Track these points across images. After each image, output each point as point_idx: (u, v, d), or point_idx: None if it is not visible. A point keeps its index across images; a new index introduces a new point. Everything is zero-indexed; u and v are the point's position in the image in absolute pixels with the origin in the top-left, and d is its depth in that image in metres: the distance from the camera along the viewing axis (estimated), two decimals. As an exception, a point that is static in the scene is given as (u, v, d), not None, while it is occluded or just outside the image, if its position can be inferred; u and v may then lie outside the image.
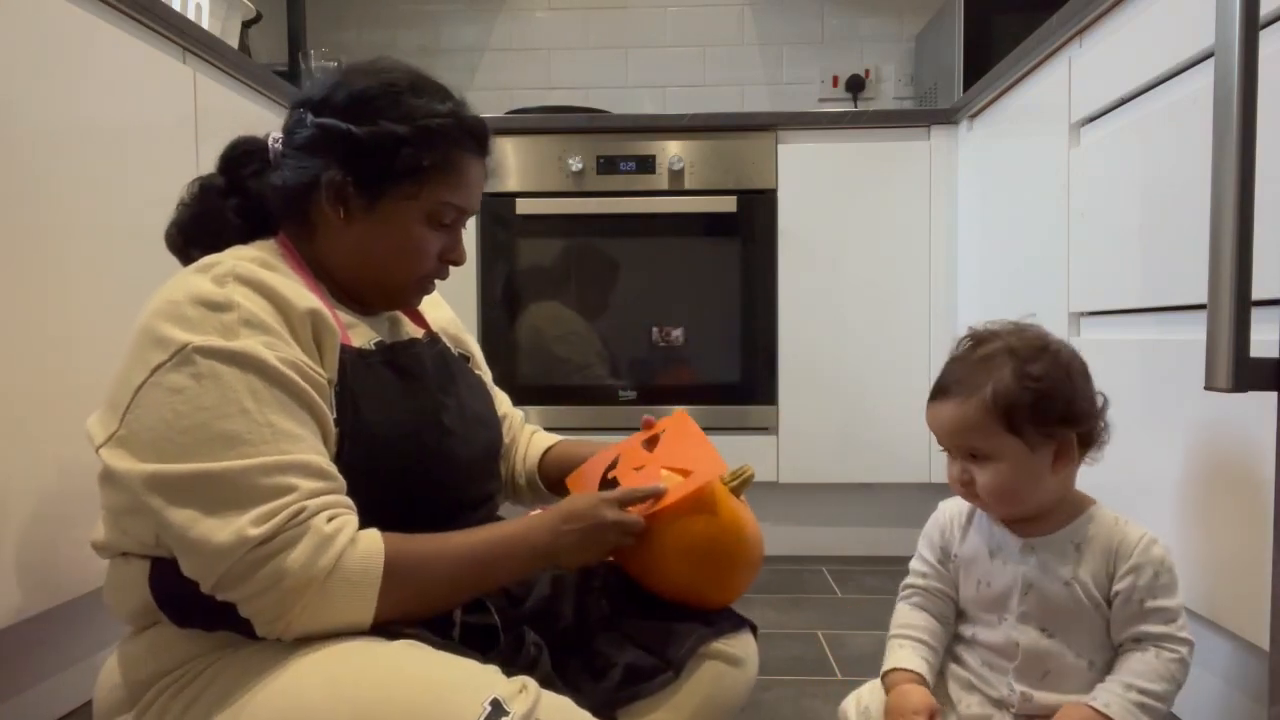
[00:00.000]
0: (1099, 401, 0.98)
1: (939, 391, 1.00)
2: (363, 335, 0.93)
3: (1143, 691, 0.91)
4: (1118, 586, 0.95)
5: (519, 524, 0.89)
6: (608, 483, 1.06)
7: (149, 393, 0.77)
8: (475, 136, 0.95)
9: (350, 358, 0.88)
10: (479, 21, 3.06)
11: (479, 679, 0.74)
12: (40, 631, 1.25)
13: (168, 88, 1.48)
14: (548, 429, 1.16)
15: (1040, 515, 0.99)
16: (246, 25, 2.15)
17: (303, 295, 0.84)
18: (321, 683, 0.74)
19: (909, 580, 1.09)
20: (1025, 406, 0.93)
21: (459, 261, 0.99)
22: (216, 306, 0.79)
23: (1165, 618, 0.94)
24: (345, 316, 0.93)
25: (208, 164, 1.43)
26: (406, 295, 0.99)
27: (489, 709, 0.70)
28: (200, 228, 0.94)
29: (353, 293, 0.96)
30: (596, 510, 0.92)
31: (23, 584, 1.15)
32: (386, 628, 0.80)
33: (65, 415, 1.21)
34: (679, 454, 1.05)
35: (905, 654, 1.02)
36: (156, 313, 0.80)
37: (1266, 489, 0.98)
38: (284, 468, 0.76)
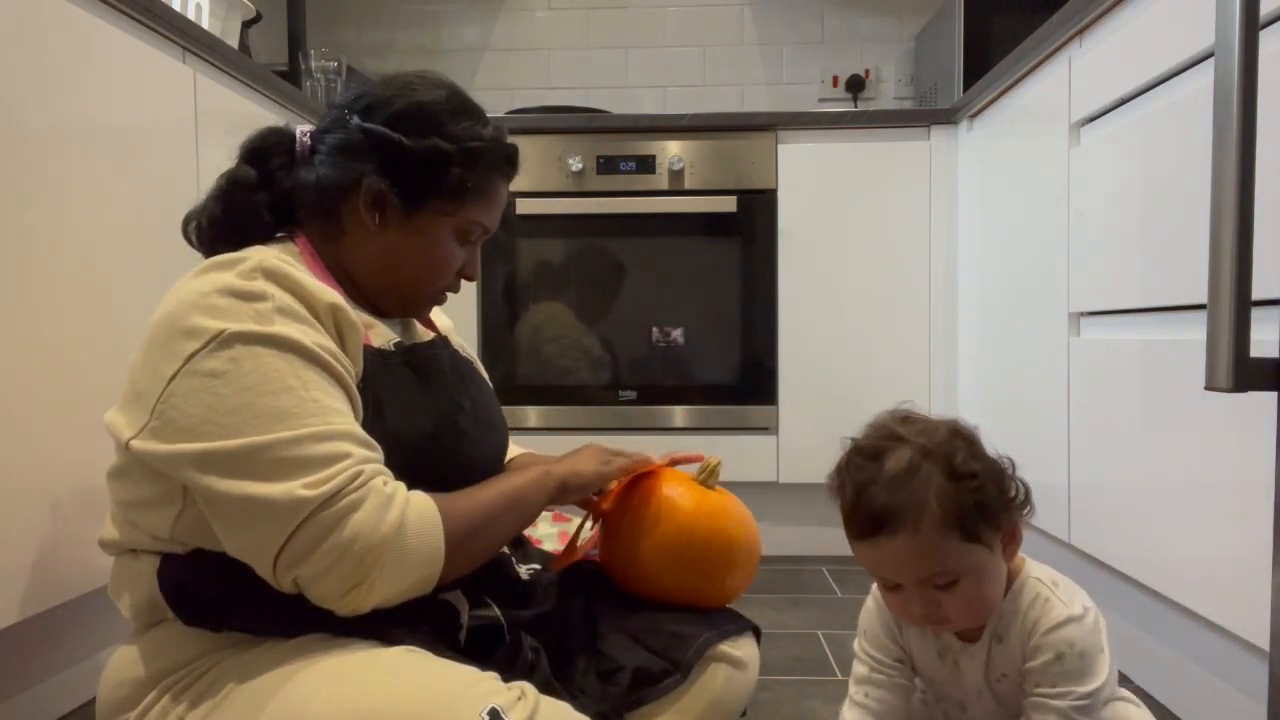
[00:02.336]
0: (1009, 467, 0.87)
1: (871, 527, 0.83)
2: (381, 336, 0.94)
3: None
4: (1025, 668, 0.86)
5: (534, 469, 0.94)
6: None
7: (184, 381, 0.76)
8: (511, 163, 0.98)
9: (371, 357, 0.88)
10: (479, 21, 3.06)
11: (477, 688, 0.74)
12: (40, 631, 1.25)
13: (168, 88, 1.48)
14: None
15: None
16: (246, 25, 2.15)
17: (325, 291, 0.84)
18: (321, 692, 0.73)
19: (863, 675, 0.94)
20: (974, 509, 0.81)
21: (473, 278, 1.01)
22: (249, 296, 0.79)
23: (1069, 701, 0.83)
24: (364, 317, 0.93)
25: (208, 164, 1.43)
26: (420, 305, 1.01)
27: (487, 718, 0.70)
28: (232, 222, 0.92)
29: (370, 297, 0.97)
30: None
31: (23, 584, 1.15)
32: (387, 635, 0.80)
33: (65, 415, 1.21)
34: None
35: None
36: (182, 305, 0.79)
37: (1266, 489, 0.98)
38: (335, 435, 0.77)
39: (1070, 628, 0.84)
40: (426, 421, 0.91)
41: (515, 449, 1.23)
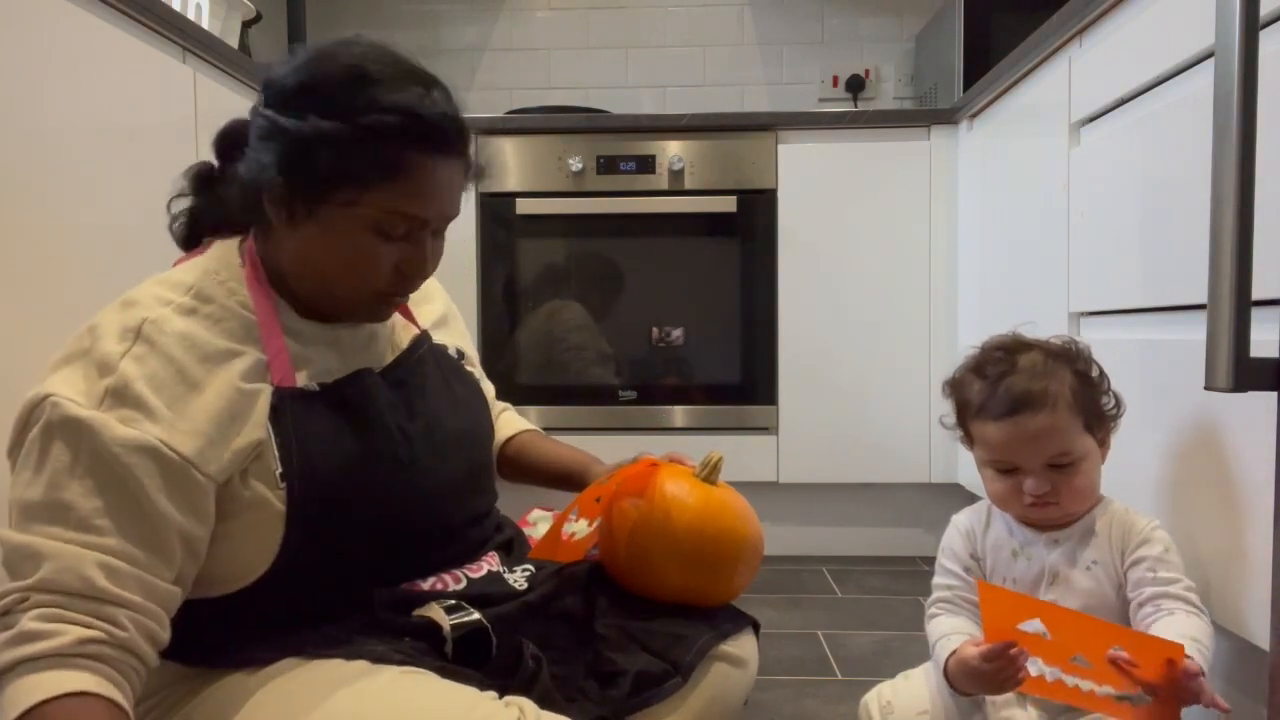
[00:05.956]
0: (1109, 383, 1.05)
1: (1013, 407, 0.97)
2: (311, 369, 0.87)
3: (1207, 648, 0.90)
4: (1131, 558, 0.98)
5: None
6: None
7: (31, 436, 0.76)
8: (433, 135, 0.81)
9: (290, 401, 0.83)
10: (479, 21, 3.06)
11: (476, 711, 0.73)
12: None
13: (168, 88, 1.48)
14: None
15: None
16: (246, 25, 2.15)
17: (215, 368, 0.80)
18: (315, 716, 0.73)
19: (937, 596, 1.07)
20: (1090, 403, 1.00)
21: (418, 275, 0.87)
22: (100, 367, 0.77)
23: (1183, 586, 0.96)
24: (296, 347, 0.87)
25: (208, 164, 1.40)
26: (358, 309, 0.89)
27: None
28: (194, 215, 0.92)
29: (308, 304, 0.89)
30: None
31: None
32: (370, 652, 0.78)
33: (65, 415, 1.20)
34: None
35: (954, 642, 0.98)
36: (79, 333, 0.80)
37: (1266, 489, 0.98)
38: (40, 555, 0.71)
39: (1165, 532, 0.99)
40: (353, 459, 0.85)
41: (516, 423, 1.19)
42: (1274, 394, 0.73)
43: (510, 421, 1.21)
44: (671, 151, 2.26)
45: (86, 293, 1.26)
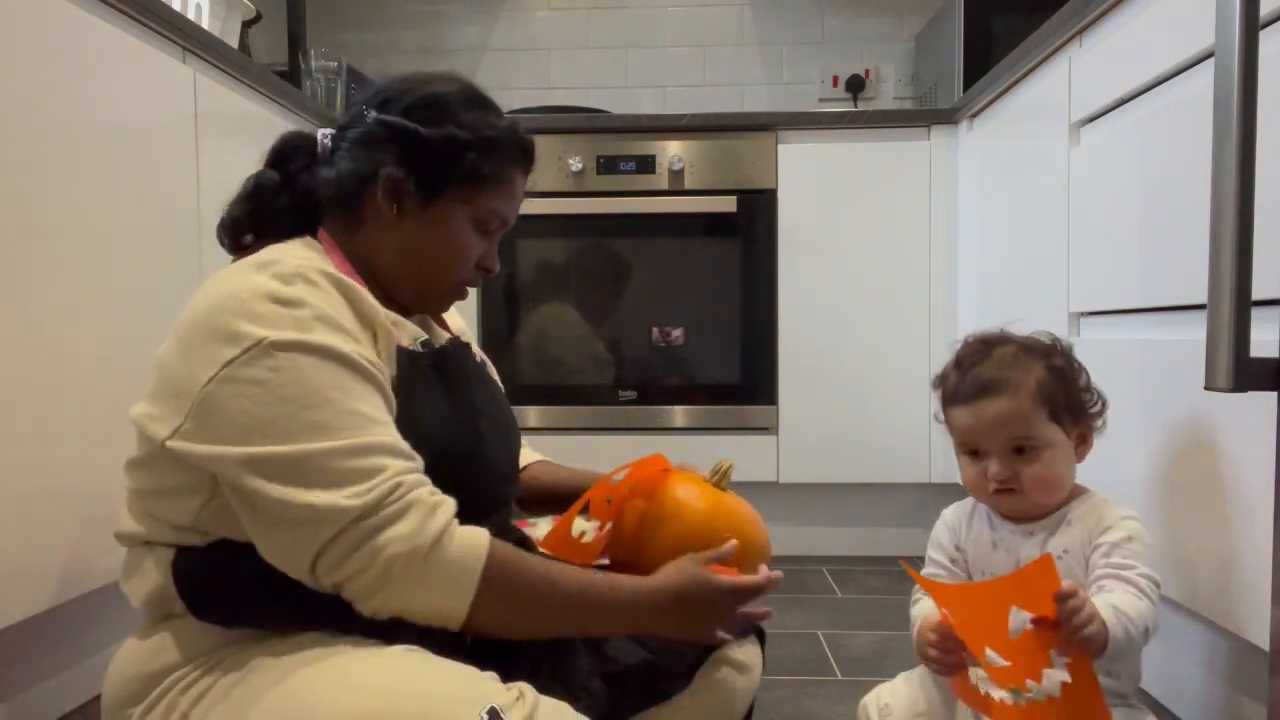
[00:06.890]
0: (1090, 381, 1.06)
1: (980, 391, 1.02)
2: (409, 334, 0.94)
3: (1132, 623, 0.89)
4: (1095, 542, 0.98)
5: (629, 587, 0.87)
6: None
7: (222, 387, 0.77)
8: (527, 154, 0.99)
9: (401, 358, 0.88)
10: (479, 21, 3.06)
11: (476, 689, 0.74)
12: (43, 630, 1.25)
13: (168, 88, 1.48)
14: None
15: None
16: (246, 25, 2.15)
17: (360, 296, 0.85)
18: (322, 692, 0.74)
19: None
20: (1061, 395, 1.01)
21: (492, 270, 1.01)
22: (288, 303, 0.80)
23: (1136, 573, 0.94)
24: (391, 315, 0.93)
25: (208, 164, 1.43)
26: (441, 299, 1.00)
27: (486, 718, 0.70)
28: (254, 224, 0.94)
29: (389, 292, 0.96)
30: (709, 593, 0.89)
31: (24, 583, 1.15)
32: (391, 633, 0.79)
33: (63, 415, 1.21)
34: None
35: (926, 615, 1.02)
36: (220, 309, 0.80)
37: (1266, 488, 0.98)
38: (372, 449, 0.77)
39: (1137, 523, 0.99)
40: (451, 424, 0.91)
41: (531, 454, 1.23)
42: (1274, 394, 0.73)
43: (523, 453, 1.23)
44: (671, 151, 2.26)
45: (87, 293, 1.26)
